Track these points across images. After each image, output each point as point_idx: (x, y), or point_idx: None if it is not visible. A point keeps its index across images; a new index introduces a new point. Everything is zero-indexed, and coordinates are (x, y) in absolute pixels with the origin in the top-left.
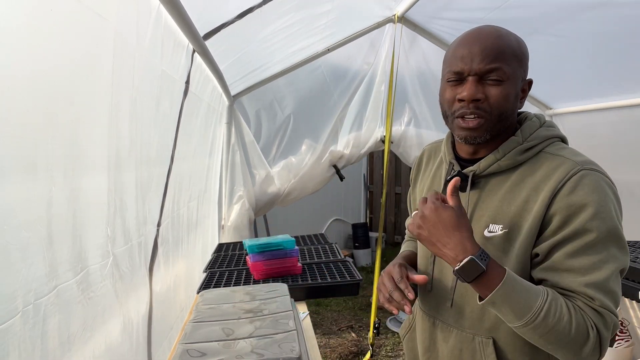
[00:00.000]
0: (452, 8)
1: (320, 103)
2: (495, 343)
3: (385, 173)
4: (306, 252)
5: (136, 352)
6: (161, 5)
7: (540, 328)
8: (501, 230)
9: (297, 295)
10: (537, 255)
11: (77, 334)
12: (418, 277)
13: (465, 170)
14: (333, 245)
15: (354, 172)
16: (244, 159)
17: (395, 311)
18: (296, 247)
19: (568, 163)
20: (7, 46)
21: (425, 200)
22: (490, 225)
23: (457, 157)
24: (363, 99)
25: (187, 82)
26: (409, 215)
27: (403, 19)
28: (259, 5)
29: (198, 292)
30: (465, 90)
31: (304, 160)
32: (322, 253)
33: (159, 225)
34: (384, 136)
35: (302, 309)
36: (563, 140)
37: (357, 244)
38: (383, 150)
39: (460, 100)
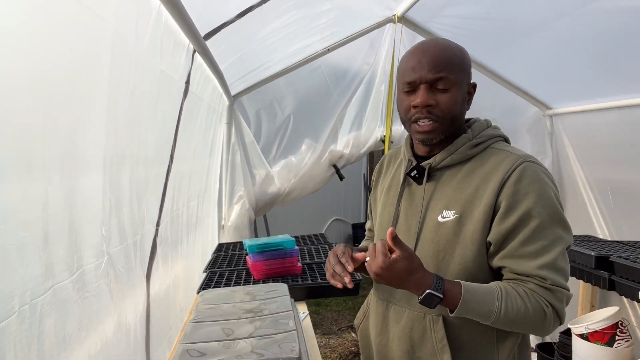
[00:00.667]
0: (452, 8)
1: (320, 103)
2: (444, 320)
3: None
4: (306, 252)
5: (134, 351)
6: (161, 5)
7: (505, 323)
8: (453, 215)
9: (297, 295)
10: (490, 244)
11: (72, 333)
12: (359, 255)
13: (422, 164)
14: (333, 245)
15: (354, 172)
16: (244, 159)
17: (339, 285)
18: (296, 247)
19: (512, 156)
20: (5, 46)
21: (374, 248)
22: (444, 211)
23: (416, 156)
24: (363, 99)
25: (187, 82)
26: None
27: (403, 19)
28: (259, 4)
29: (198, 292)
30: (419, 98)
31: (304, 160)
32: (322, 253)
33: (157, 225)
34: (384, 136)
35: (302, 309)
36: (506, 139)
37: (357, 244)
38: (383, 150)
39: (415, 107)
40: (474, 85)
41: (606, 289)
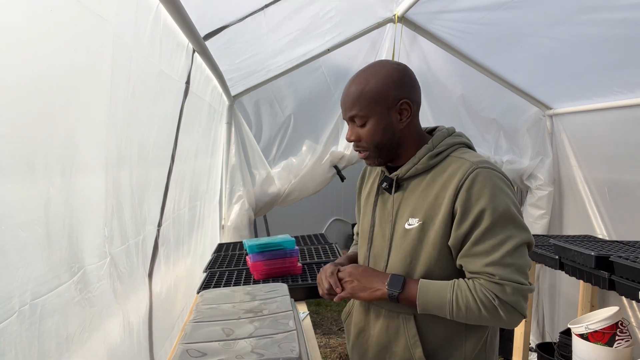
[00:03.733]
0: (451, 9)
1: (321, 103)
2: (415, 318)
3: None
4: (306, 252)
5: (138, 352)
6: (160, 5)
7: (460, 314)
8: (418, 222)
9: (297, 295)
10: (451, 248)
11: (75, 334)
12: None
13: (390, 175)
14: (333, 245)
15: (355, 173)
16: (244, 159)
17: (329, 299)
18: (296, 247)
19: (467, 164)
20: (5, 46)
21: (323, 279)
22: (410, 219)
23: (389, 167)
24: None
25: (188, 82)
26: None
27: (403, 19)
28: (262, 9)
29: (198, 292)
30: (347, 134)
31: (305, 161)
32: (322, 253)
33: (159, 225)
34: None
35: (302, 309)
36: (469, 146)
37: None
38: None
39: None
40: (406, 102)
41: (606, 289)
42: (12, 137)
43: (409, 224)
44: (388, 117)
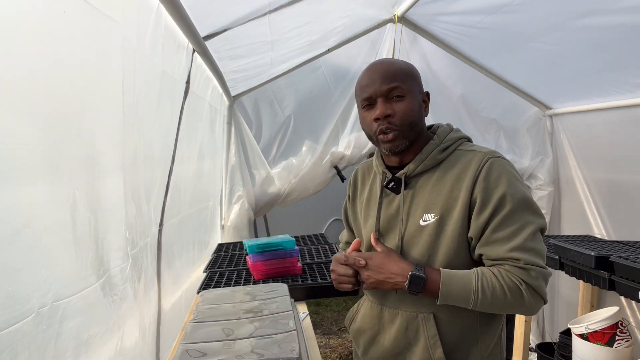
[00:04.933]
0: (450, 11)
1: (321, 103)
2: (435, 317)
3: None
4: (306, 252)
5: (146, 354)
6: (160, 5)
7: (485, 302)
8: (434, 217)
9: (297, 295)
10: (472, 238)
11: (97, 336)
12: (355, 243)
13: (397, 174)
14: (333, 245)
15: None
16: (244, 159)
17: (349, 287)
18: (296, 247)
19: (479, 154)
20: (18, 49)
21: (349, 261)
22: (424, 215)
23: (388, 167)
24: None
25: (188, 82)
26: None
27: (403, 19)
28: (264, 15)
29: (198, 292)
30: (377, 110)
31: (305, 161)
32: (322, 253)
33: (160, 225)
34: None
35: (302, 309)
36: (468, 139)
37: None
38: None
39: (376, 120)
40: (427, 94)
41: (606, 289)
42: (37, 139)
43: (424, 220)
44: (419, 100)
